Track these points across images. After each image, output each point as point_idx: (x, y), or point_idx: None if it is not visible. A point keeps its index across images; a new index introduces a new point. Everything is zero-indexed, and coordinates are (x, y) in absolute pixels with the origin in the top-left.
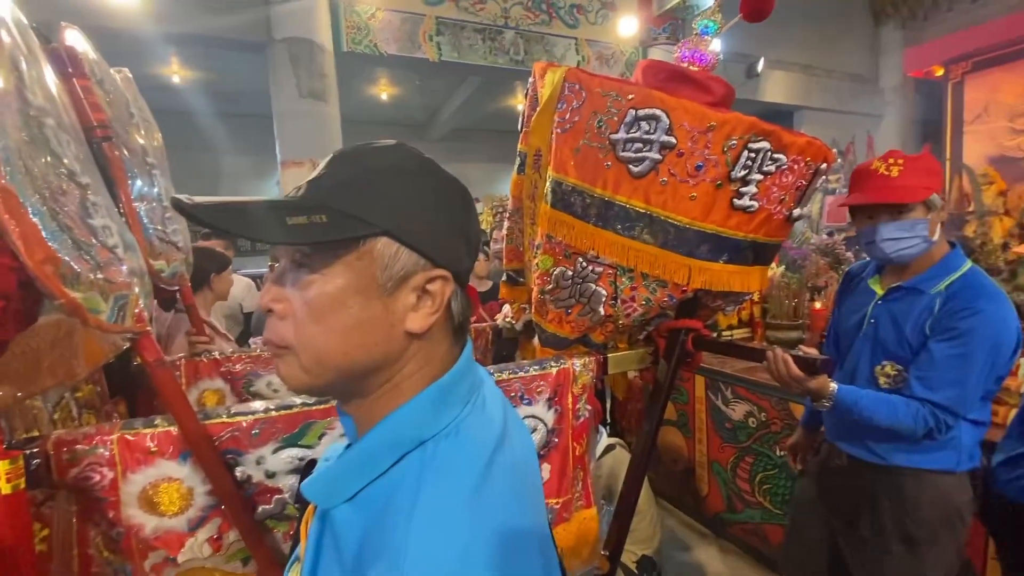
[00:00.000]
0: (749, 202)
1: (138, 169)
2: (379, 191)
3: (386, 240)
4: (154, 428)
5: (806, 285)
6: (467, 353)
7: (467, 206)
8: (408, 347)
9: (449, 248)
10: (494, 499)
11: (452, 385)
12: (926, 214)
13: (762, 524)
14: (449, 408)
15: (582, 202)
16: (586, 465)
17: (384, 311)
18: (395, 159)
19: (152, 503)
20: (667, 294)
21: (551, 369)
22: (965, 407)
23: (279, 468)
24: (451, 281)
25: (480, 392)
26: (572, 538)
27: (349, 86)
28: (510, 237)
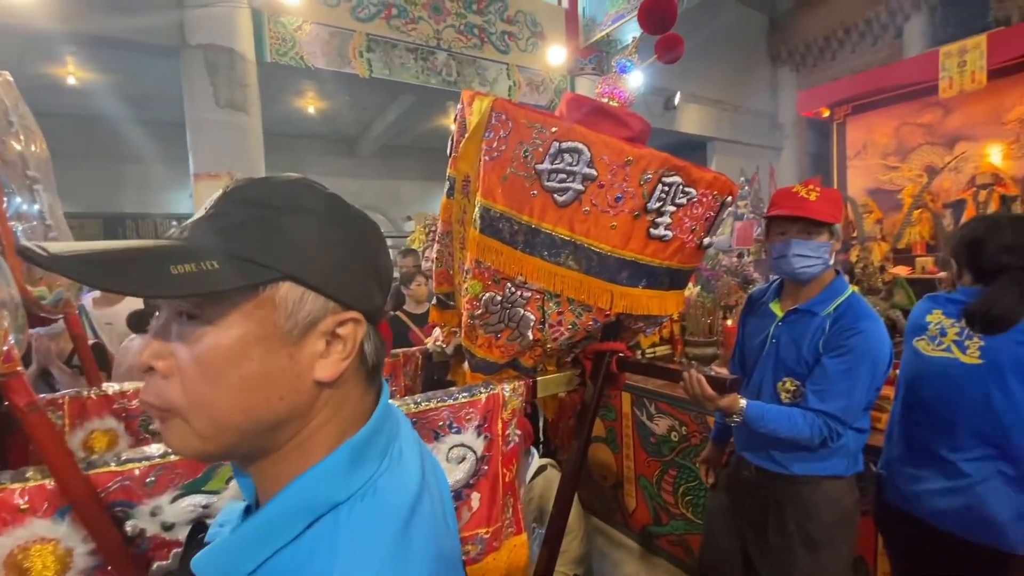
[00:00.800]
0: (664, 232)
1: (15, 184)
2: (279, 231)
3: (289, 285)
4: (25, 482)
5: (719, 304)
6: (383, 399)
7: (377, 242)
8: (318, 397)
9: (360, 288)
10: (415, 564)
11: (368, 440)
12: (829, 239)
13: (685, 535)
14: (365, 465)
15: (510, 228)
16: (516, 491)
17: (290, 361)
18: (295, 195)
19: (21, 569)
20: (592, 318)
21: (480, 395)
22: (853, 416)
23: (179, 519)
24: (363, 323)
25: (397, 441)
26: (503, 567)
27: (273, 97)
28: (440, 260)
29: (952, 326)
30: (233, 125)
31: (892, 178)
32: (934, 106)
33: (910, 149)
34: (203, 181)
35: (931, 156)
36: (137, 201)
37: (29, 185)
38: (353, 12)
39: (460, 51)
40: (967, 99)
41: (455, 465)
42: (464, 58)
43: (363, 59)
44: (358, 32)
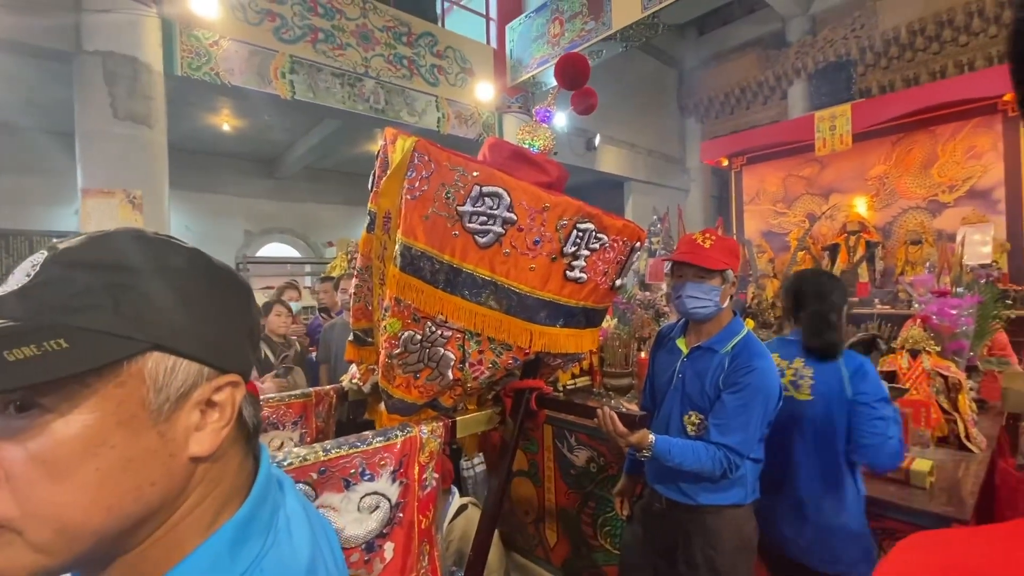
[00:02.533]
0: (579, 274)
1: None
2: (140, 296)
3: (158, 355)
4: None
5: (634, 336)
6: (264, 464)
7: (247, 297)
8: (192, 475)
9: (235, 348)
10: None
11: (252, 515)
12: (720, 284)
13: (604, 567)
14: (249, 546)
15: (431, 267)
16: (432, 537)
17: (160, 440)
18: (152, 254)
19: None
20: (512, 357)
21: (396, 439)
22: (749, 447)
23: None
24: (241, 385)
25: (282, 509)
26: None
27: (182, 112)
28: (358, 295)
29: (788, 367)
30: (133, 139)
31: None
32: (812, 161)
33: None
34: (93, 198)
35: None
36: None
37: None
38: (276, 32)
39: (389, 80)
40: (838, 157)
41: (367, 514)
42: (393, 87)
43: (285, 80)
44: (281, 53)
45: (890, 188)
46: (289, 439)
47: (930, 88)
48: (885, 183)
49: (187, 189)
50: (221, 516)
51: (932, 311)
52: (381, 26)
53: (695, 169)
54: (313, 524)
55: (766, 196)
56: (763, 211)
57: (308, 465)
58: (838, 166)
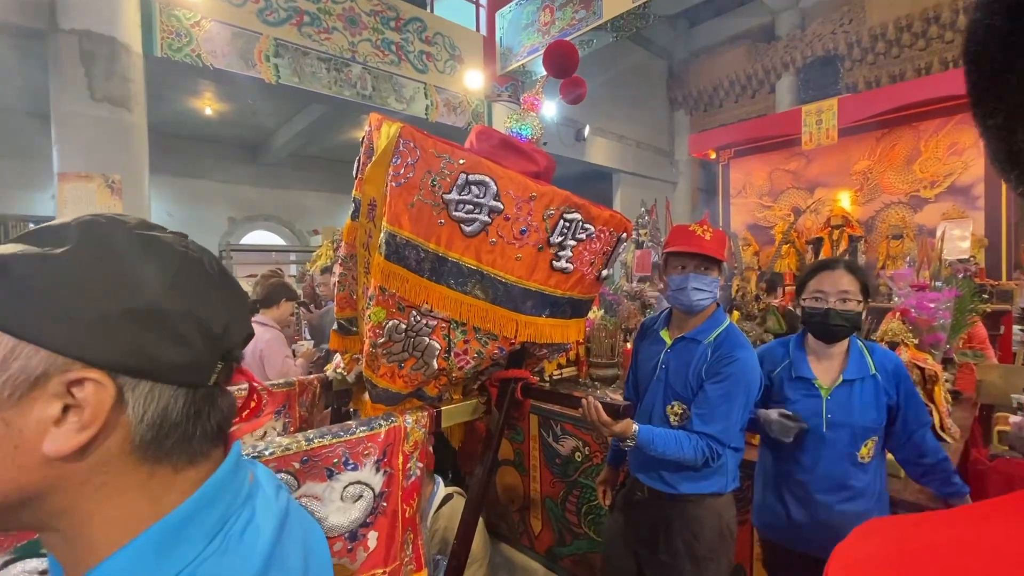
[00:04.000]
0: (565, 264)
1: None
2: (3, 273)
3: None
4: None
5: (620, 327)
6: (225, 466)
7: (169, 282)
8: (65, 476)
9: (123, 340)
10: None
11: (187, 519)
12: (718, 275)
13: (588, 554)
14: (177, 552)
15: (416, 256)
16: (417, 526)
17: (5, 428)
18: (50, 233)
19: None
20: (497, 346)
21: (380, 429)
22: (730, 436)
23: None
24: (109, 386)
25: (241, 516)
26: None
27: (164, 95)
28: (342, 284)
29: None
30: (111, 121)
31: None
32: (799, 155)
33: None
34: (70, 182)
35: (796, 198)
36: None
37: None
38: (260, 14)
39: (376, 66)
40: (823, 151)
41: (351, 504)
42: (380, 73)
43: (270, 64)
44: (265, 35)
45: (873, 183)
46: (272, 428)
47: (915, 84)
48: (869, 178)
49: (169, 174)
50: (146, 522)
51: (911, 304)
52: (368, 10)
53: (683, 162)
54: (288, 527)
55: (752, 189)
56: (749, 204)
57: (290, 455)
58: (823, 160)
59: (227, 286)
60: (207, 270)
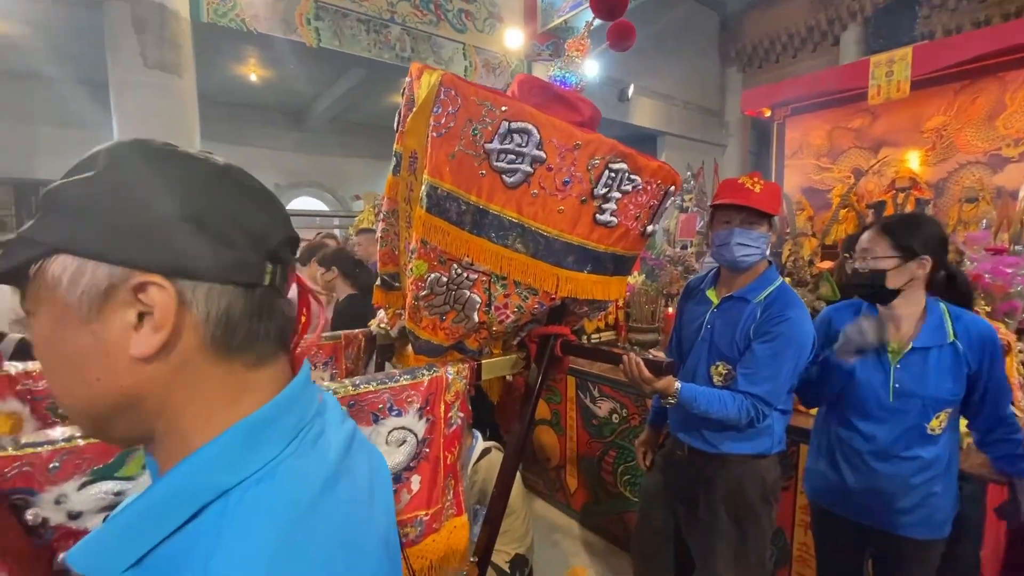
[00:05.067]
0: (609, 218)
1: None
2: (54, 203)
3: (63, 257)
4: None
5: (662, 292)
6: (298, 379)
7: (211, 187)
8: (152, 377)
9: (163, 245)
10: (313, 553)
11: (268, 420)
12: (767, 231)
13: (623, 513)
14: (262, 448)
15: (457, 208)
16: (457, 473)
17: (93, 339)
18: (83, 163)
19: None
20: (538, 301)
21: (423, 378)
22: (778, 398)
23: (87, 507)
24: (169, 288)
25: (314, 426)
26: (442, 548)
27: (212, 61)
28: (384, 240)
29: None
30: (163, 88)
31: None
32: (863, 112)
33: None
34: None
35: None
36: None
37: None
38: None
39: (415, 26)
40: (892, 107)
41: (395, 448)
42: (419, 34)
43: (310, 27)
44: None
45: (948, 141)
46: (320, 378)
47: (1002, 29)
48: (943, 136)
49: (217, 141)
50: (229, 420)
51: (985, 270)
52: None
53: (734, 123)
54: (355, 445)
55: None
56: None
57: (339, 398)
58: (891, 117)
59: (258, 192)
60: (235, 177)
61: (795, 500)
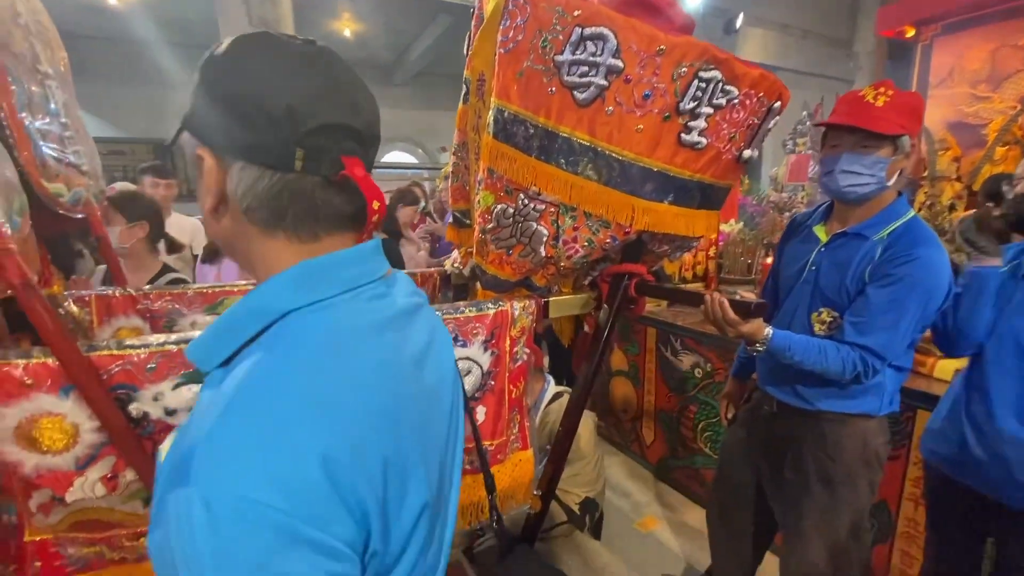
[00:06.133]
0: (697, 138)
1: (25, 77)
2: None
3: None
4: (29, 359)
5: (761, 242)
6: (364, 245)
7: (261, 78)
8: (226, 227)
9: (211, 125)
10: (335, 375)
11: (326, 267)
12: (891, 154)
13: (701, 469)
14: (317, 287)
15: (525, 132)
16: (523, 408)
17: (204, 183)
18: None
19: (31, 439)
20: (610, 235)
21: (488, 311)
22: (893, 352)
23: (180, 405)
24: (209, 158)
25: (377, 288)
26: (507, 479)
27: (308, 19)
28: (456, 175)
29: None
30: None
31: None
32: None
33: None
34: None
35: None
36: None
37: (41, 80)
38: None
39: None
40: None
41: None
42: None
43: None
44: None
45: None
46: None
47: None
48: None
49: None
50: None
51: None
52: None
53: (864, 53)
54: (418, 320)
55: (963, 76)
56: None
57: None
58: None
59: (326, 81)
60: (301, 62)
61: (905, 471)
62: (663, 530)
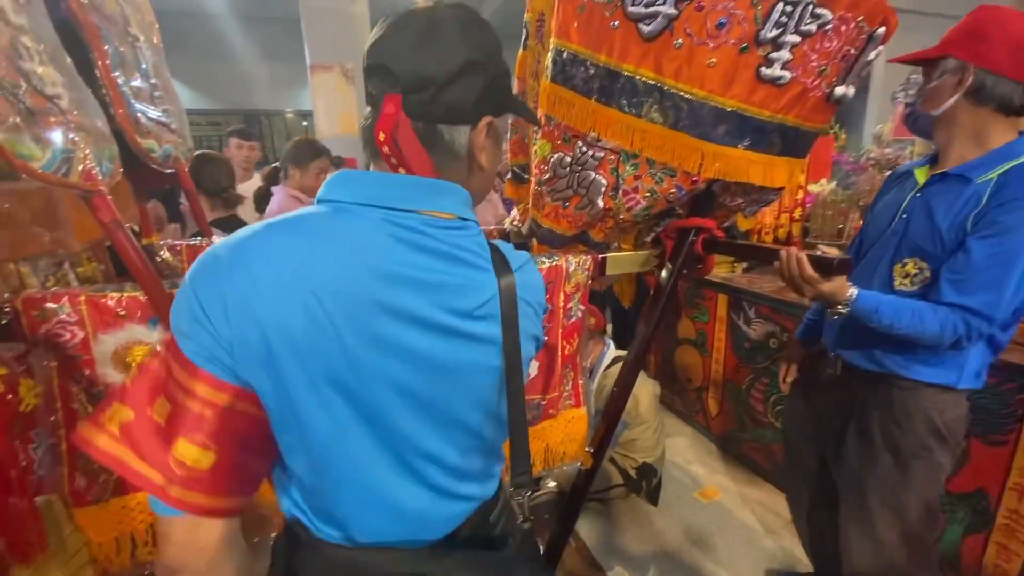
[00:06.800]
0: (780, 72)
1: (117, 40)
2: None
3: None
4: (121, 293)
5: (856, 204)
6: (390, 177)
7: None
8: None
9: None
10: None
11: (349, 179)
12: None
13: (771, 443)
14: (337, 191)
15: (584, 74)
16: (577, 365)
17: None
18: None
19: (126, 364)
20: (675, 184)
21: (541, 266)
22: (1000, 312)
23: None
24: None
25: (409, 222)
26: (559, 434)
27: None
28: (514, 127)
29: None
30: (341, 13)
31: None
32: None
33: None
34: (318, 73)
35: None
36: (269, 99)
37: (132, 43)
38: None
39: None
40: None
41: None
42: None
43: None
44: None
45: None
46: None
47: None
48: None
49: None
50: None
51: None
52: None
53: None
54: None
55: None
56: None
57: None
58: None
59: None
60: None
61: (1012, 457)
62: (725, 502)
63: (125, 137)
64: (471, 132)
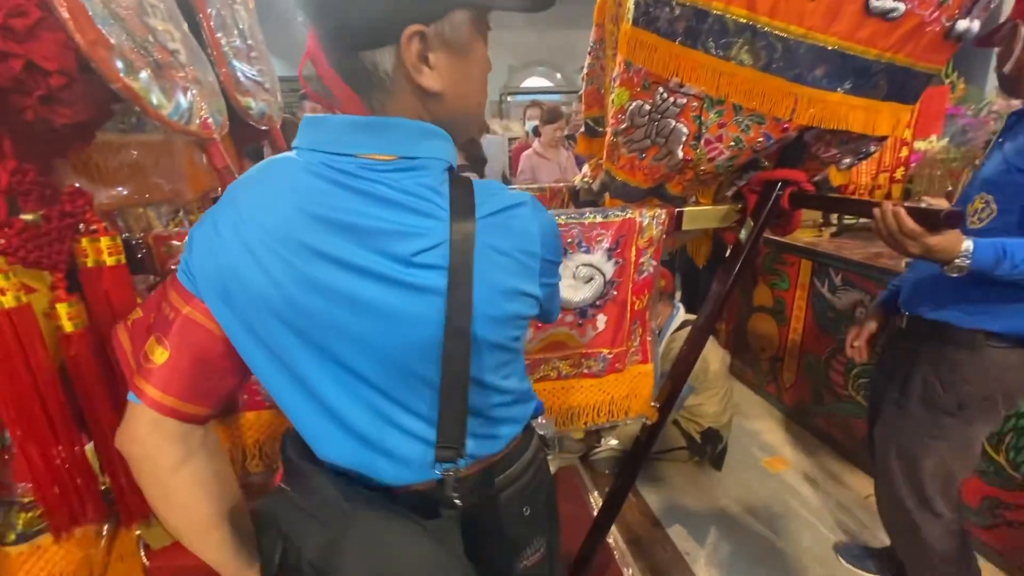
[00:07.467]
0: (892, 3)
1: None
2: None
3: None
4: None
5: (972, 163)
6: (338, 120)
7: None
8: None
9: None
10: (252, 177)
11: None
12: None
13: (849, 418)
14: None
15: (668, 15)
16: (646, 321)
17: None
18: None
19: None
20: (763, 132)
21: (614, 218)
22: None
23: None
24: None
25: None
26: (624, 389)
27: None
28: (590, 77)
29: None
30: None
31: None
32: None
33: None
34: None
35: None
36: None
37: (230, 3)
38: None
39: None
40: None
41: (582, 283)
42: None
43: None
44: None
45: None
46: None
47: None
48: None
49: None
50: None
51: None
52: None
53: None
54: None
55: None
56: None
57: None
58: None
59: None
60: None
61: None
62: (793, 473)
63: (226, 93)
64: (397, 51)
